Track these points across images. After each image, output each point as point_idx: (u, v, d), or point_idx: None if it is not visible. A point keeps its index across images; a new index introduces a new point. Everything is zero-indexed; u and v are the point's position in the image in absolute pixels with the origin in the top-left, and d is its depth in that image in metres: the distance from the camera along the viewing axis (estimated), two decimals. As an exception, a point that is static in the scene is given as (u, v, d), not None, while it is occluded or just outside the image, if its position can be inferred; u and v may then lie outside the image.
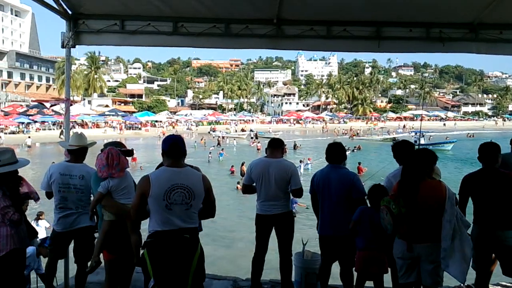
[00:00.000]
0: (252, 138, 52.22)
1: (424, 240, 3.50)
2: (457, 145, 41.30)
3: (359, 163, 24.22)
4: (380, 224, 3.65)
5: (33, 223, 15.69)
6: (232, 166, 26.30)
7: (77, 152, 4.38)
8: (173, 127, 65.49)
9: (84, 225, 4.34)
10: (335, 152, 4.47)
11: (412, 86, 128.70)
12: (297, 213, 14.86)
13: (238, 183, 21.15)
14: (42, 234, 16.43)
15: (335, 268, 4.49)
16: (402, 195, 3.55)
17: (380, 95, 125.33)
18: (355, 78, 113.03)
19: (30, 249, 4.84)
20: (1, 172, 3.64)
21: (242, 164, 24.00)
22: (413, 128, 70.89)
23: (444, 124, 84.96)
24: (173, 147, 3.21)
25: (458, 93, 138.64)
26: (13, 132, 47.67)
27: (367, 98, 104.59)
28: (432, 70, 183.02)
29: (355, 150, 37.25)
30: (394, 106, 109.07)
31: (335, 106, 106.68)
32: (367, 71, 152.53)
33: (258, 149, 38.59)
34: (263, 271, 4.83)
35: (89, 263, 4.04)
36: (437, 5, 4.60)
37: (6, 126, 48.01)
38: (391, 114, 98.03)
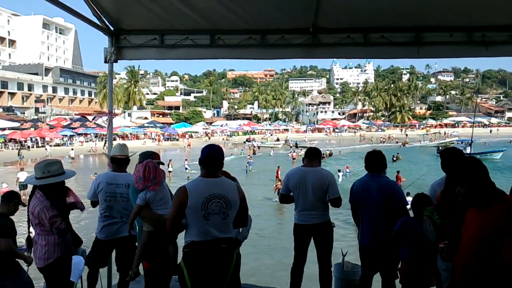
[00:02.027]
0: (291, 147, 51.98)
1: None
2: (507, 153, 39.69)
3: (398, 172, 23.54)
4: (424, 235, 3.53)
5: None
6: (279, 168, 25.95)
7: (121, 162, 4.50)
8: (209, 138, 66.36)
9: (126, 234, 4.43)
10: (375, 160, 4.37)
11: (453, 92, 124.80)
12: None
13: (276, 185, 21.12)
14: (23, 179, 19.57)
15: (377, 280, 4.38)
16: (446, 205, 3.43)
17: (419, 101, 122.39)
18: (392, 85, 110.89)
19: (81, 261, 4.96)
20: (50, 183, 3.81)
21: None
22: (450, 134, 68.91)
23: (491, 131, 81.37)
24: (209, 158, 3.22)
25: (501, 98, 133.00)
26: (58, 145, 49.84)
27: (406, 105, 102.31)
28: (474, 75, 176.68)
29: (394, 160, 36.23)
30: (434, 113, 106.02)
31: (372, 114, 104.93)
32: (405, 77, 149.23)
33: (293, 158, 38.49)
34: (302, 282, 4.78)
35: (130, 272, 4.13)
36: (479, 8, 4.43)
37: (51, 139, 50.26)
38: (431, 121, 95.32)
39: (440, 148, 37.37)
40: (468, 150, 34.79)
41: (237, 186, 3.34)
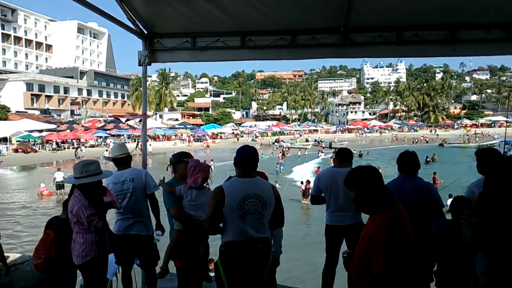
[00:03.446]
0: (323, 148, 51.74)
1: (510, 256, 3.24)
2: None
3: (435, 173, 22.76)
4: (462, 239, 3.44)
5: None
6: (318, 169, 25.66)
7: (123, 161, 4.61)
8: (237, 139, 66.73)
9: (138, 233, 4.48)
10: (408, 161, 4.27)
11: (489, 91, 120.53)
12: None
13: (302, 182, 20.97)
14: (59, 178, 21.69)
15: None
16: (484, 208, 3.32)
17: (453, 101, 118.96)
18: (425, 84, 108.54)
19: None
20: (88, 182, 3.94)
21: None
22: (488, 135, 66.63)
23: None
24: (245, 158, 3.26)
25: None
26: (93, 146, 51.33)
27: (439, 104, 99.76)
28: (511, 73, 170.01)
29: (429, 161, 35.25)
30: (469, 113, 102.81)
31: (404, 114, 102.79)
32: (438, 76, 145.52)
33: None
34: (334, 284, 4.74)
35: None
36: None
37: (86, 140, 51.85)
38: (466, 121, 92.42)
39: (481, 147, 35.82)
40: None
41: (272, 186, 3.38)
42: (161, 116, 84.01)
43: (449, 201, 4.19)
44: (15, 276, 4.84)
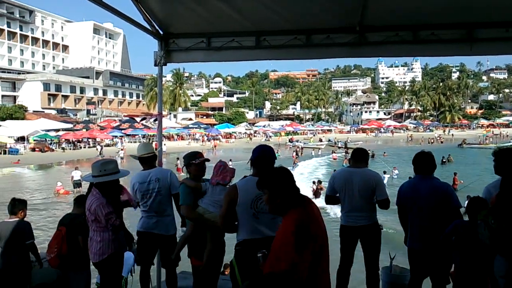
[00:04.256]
0: (339, 148, 51.51)
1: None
2: None
3: (455, 174, 22.24)
4: (479, 240, 3.39)
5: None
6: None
7: (149, 160, 4.66)
8: (250, 139, 66.72)
9: (159, 233, 4.51)
10: (424, 162, 4.24)
11: (506, 90, 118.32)
12: None
13: (314, 182, 20.87)
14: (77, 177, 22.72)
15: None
16: (502, 209, 3.28)
17: (469, 100, 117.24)
18: (441, 84, 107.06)
19: (131, 256, 5.16)
20: (106, 181, 3.99)
21: None
22: (507, 135, 65.35)
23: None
24: (261, 158, 3.28)
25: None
26: (108, 145, 51.91)
27: (455, 104, 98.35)
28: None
29: (445, 162, 34.75)
30: (486, 112, 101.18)
31: (419, 113, 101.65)
32: (455, 75, 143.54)
33: (334, 159, 39.19)
34: (348, 285, 4.72)
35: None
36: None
37: (102, 139, 52.46)
38: (483, 121, 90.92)
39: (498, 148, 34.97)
40: None
41: None
42: (175, 116, 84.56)
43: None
44: (32, 273, 4.94)
